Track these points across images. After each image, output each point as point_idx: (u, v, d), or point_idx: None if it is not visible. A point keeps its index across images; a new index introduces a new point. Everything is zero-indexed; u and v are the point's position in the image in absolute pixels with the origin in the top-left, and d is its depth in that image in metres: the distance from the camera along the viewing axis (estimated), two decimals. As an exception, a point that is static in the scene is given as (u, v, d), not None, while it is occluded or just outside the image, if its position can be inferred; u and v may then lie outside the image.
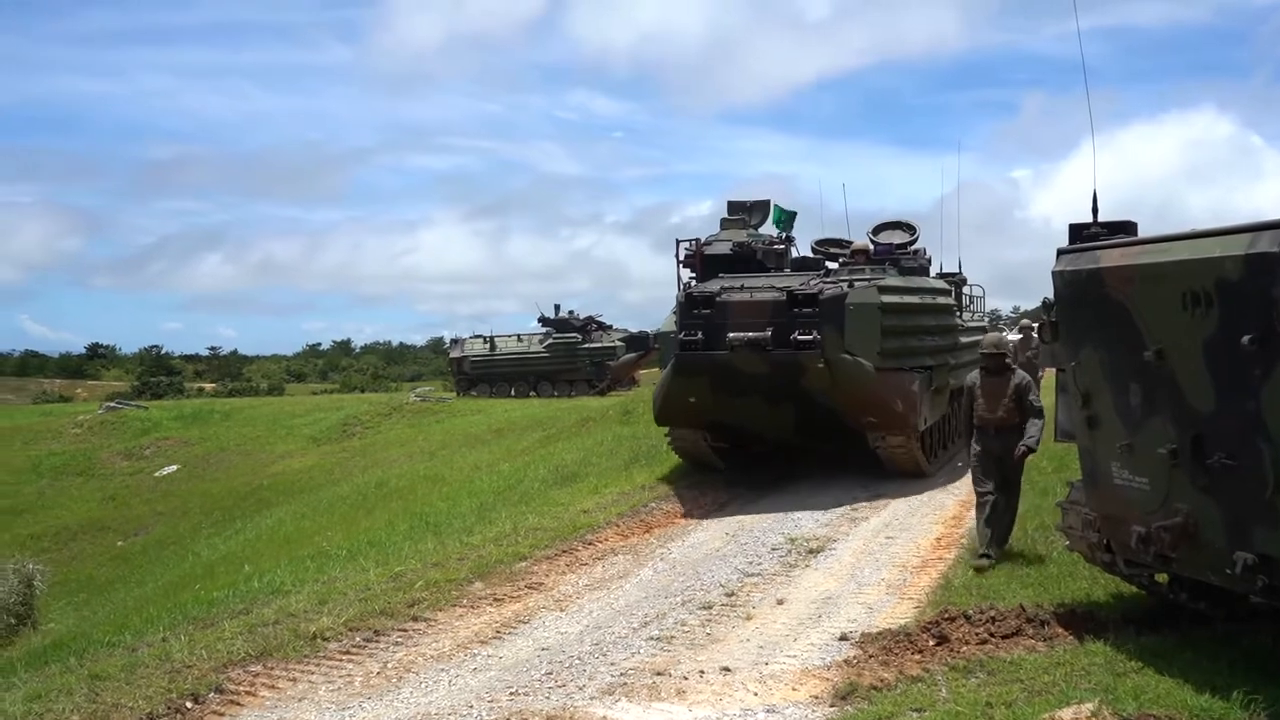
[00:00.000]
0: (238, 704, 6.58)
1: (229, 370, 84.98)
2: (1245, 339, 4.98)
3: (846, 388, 12.31)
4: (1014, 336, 20.08)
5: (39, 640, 14.66)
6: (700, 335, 12.26)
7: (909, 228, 16.08)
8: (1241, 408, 5.18)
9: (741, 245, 14.92)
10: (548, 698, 6.40)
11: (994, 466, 9.02)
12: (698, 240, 14.96)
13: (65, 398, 60.60)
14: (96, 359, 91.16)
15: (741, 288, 12.64)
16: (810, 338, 11.97)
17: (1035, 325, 17.49)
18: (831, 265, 14.82)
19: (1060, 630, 6.72)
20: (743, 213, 16.08)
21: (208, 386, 69.46)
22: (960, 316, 16.00)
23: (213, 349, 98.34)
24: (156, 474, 29.66)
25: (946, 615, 7.03)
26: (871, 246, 15.03)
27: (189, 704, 6.51)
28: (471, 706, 6.31)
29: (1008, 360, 9.06)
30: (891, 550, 9.95)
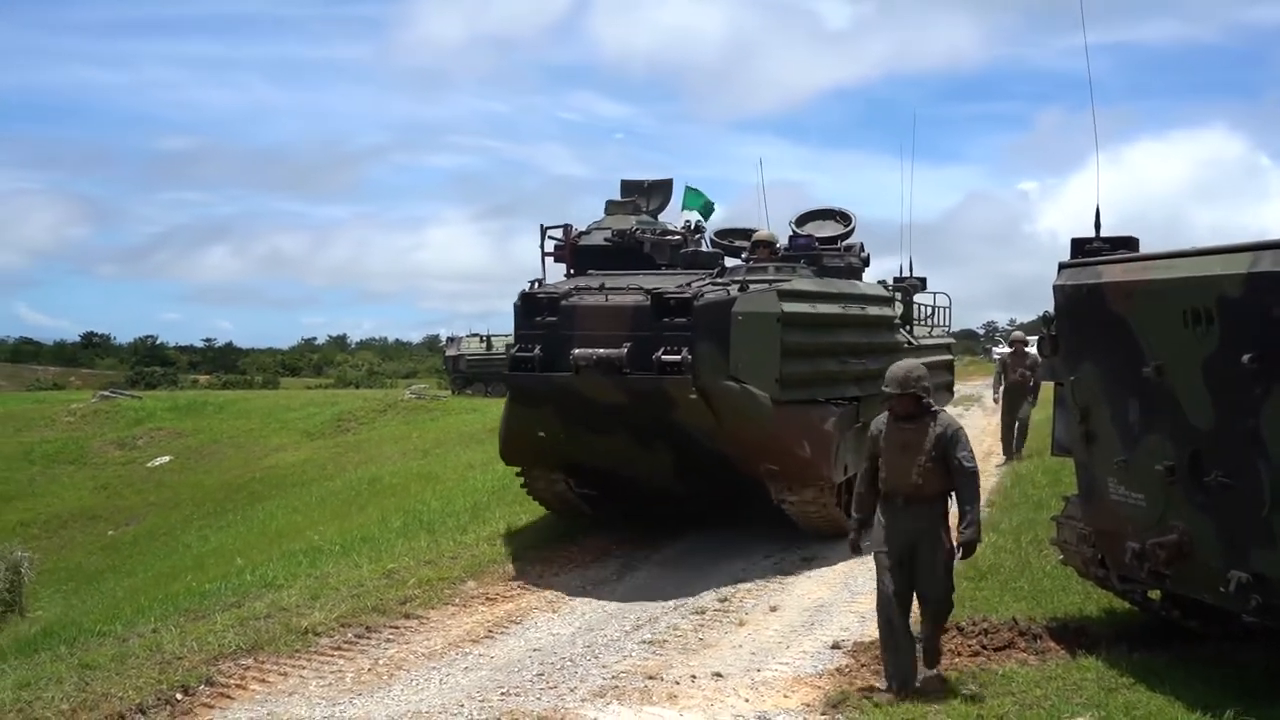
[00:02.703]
0: (228, 697, 6.58)
1: (224, 362, 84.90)
2: (1245, 357, 4.99)
3: (732, 426, 9.38)
4: (1005, 350, 19.34)
5: (27, 628, 14.63)
6: (538, 351, 9.50)
7: (843, 217, 13.00)
8: (1240, 426, 5.20)
9: (622, 234, 11.70)
10: (539, 699, 6.40)
11: (902, 560, 6.19)
12: (568, 227, 11.96)
13: (59, 386, 60.51)
14: (91, 348, 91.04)
15: (600, 288, 9.72)
16: (678, 358, 9.01)
17: (1029, 339, 16.64)
18: (734, 262, 11.62)
19: (1053, 644, 6.73)
20: (638, 194, 12.80)
21: (202, 378, 69.36)
22: (909, 331, 12.85)
23: (208, 340, 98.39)
24: (149, 464, 29.57)
25: (939, 626, 7.03)
26: (779, 239, 11.94)
27: (179, 695, 6.50)
28: (462, 705, 6.31)
29: (925, 401, 6.22)
30: (884, 560, 9.94)
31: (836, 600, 8.54)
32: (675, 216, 12.92)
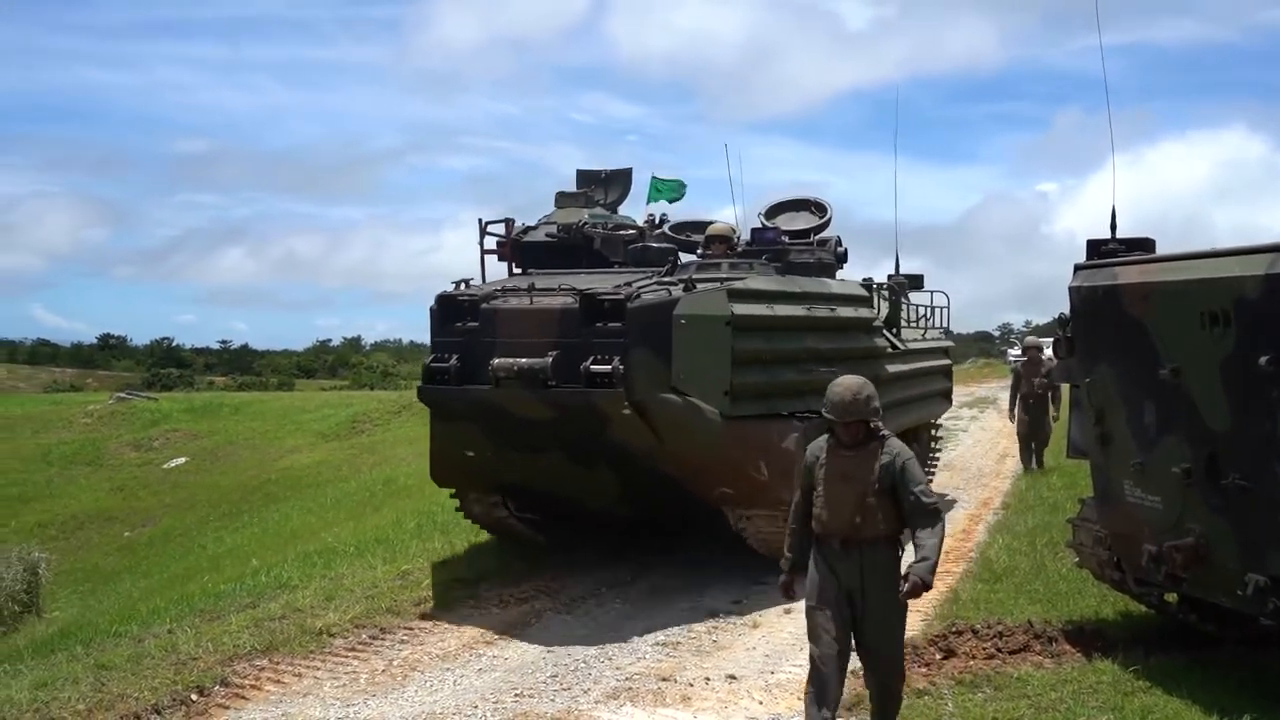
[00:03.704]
0: (243, 697, 6.60)
1: (239, 364, 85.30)
2: (1263, 359, 4.97)
3: (676, 445, 8.33)
4: (1017, 353, 18.76)
5: (44, 628, 14.70)
6: (456, 360, 8.49)
7: (818, 208, 11.74)
8: (1258, 428, 5.17)
9: (568, 229, 10.55)
10: (553, 700, 6.40)
11: (841, 614, 5.16)
12: (509, 222, 10.71)
13: (76, 387, 60.81)
14: (107, 350, 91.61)
15: (529, 289, 8.61)
16: (609, 368, 7.95)
17: (1043, 344, 15.06)
18: (690, 258, 10.48)
19: (1068, 647, 6.70)
20: (594, 185, 11.60)
21: (218, 380, 69.67)
22: (896, 334, 11.70)
23: (224, 342, 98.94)
24: (165, 466, 29.67)
25: (954, 629, 7.02)
26: (738, 231, 10.78)
27: (194, 696, 6.53)
28: (476, 707, 6.31)
29: (874, 425, 5.23)
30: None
31: (851, 603, 8.51)
32: (640, 210, 11.99)
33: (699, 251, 10.64)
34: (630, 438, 8.28)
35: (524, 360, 8.10)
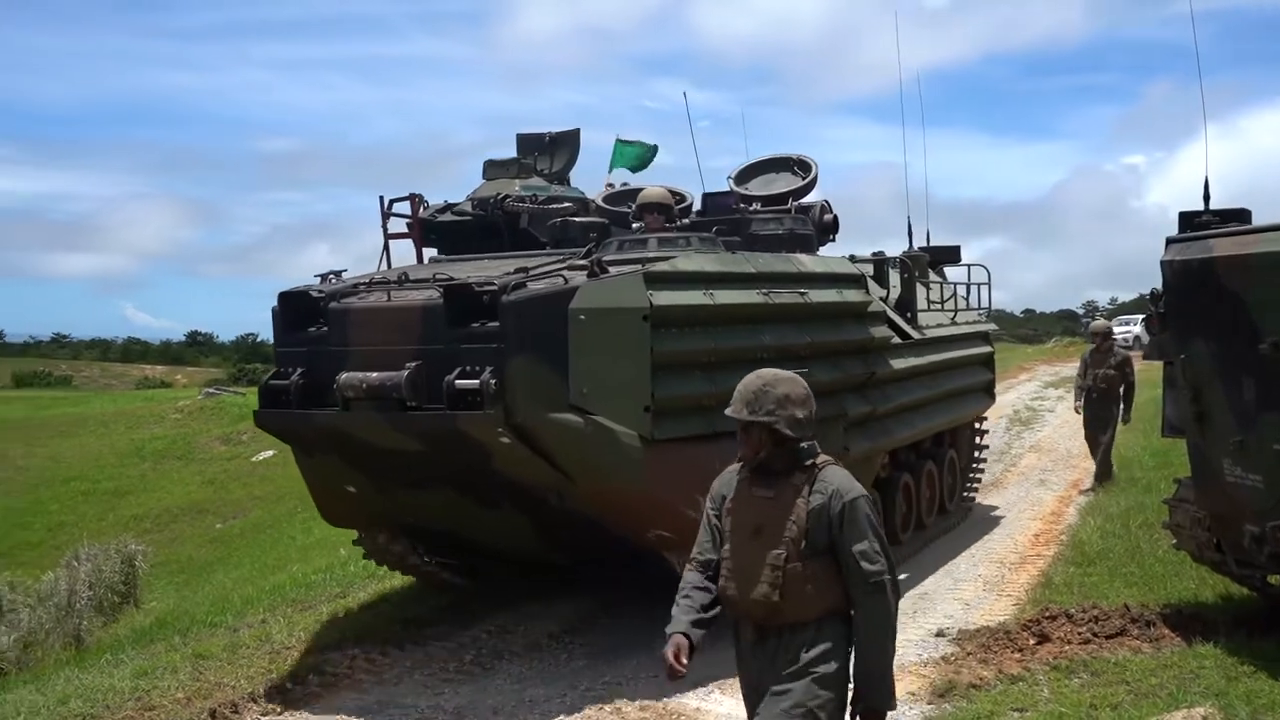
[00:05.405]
0: (336, 686, 6.70)
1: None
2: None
3: (585, 479, 6.38)
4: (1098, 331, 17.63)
5: (142, 619, 15.07)
6: (298, 376, 6.76)
7: (802, 167, 9.62)
8: (1366, 404, 4.99)
9: (484, 204, 8.70)
10: (641, 688, 6.40)
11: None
12: (415, 198, 8.90)
13: (166, 383, 62.32)
14: (195, 346, 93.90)
15: (399, 280, 6.96)
16: (476, 383, 6.13)
17: (1113, 329, 13.52)
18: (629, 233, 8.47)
19: (1167, 631, 6.54)
20: (536, 151, 9.74)
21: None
22: (911, 320, 9.48)
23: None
24: (254, 459, 30.22)
25: (1048, 613, 6.89)
26: (688, 198, 9.32)
27: (289, 685, 6.64)
28: (564, 695, 6.35)
29: (793, 441, 3.62)
30: (988, 546, 9.76)
31: (939, 588, 8.41)
32: (601, 180, 10.47)
33: (633, 224, 8.86)
34: (523, 472, 6.45)
35: (375, 375, 6.37)
